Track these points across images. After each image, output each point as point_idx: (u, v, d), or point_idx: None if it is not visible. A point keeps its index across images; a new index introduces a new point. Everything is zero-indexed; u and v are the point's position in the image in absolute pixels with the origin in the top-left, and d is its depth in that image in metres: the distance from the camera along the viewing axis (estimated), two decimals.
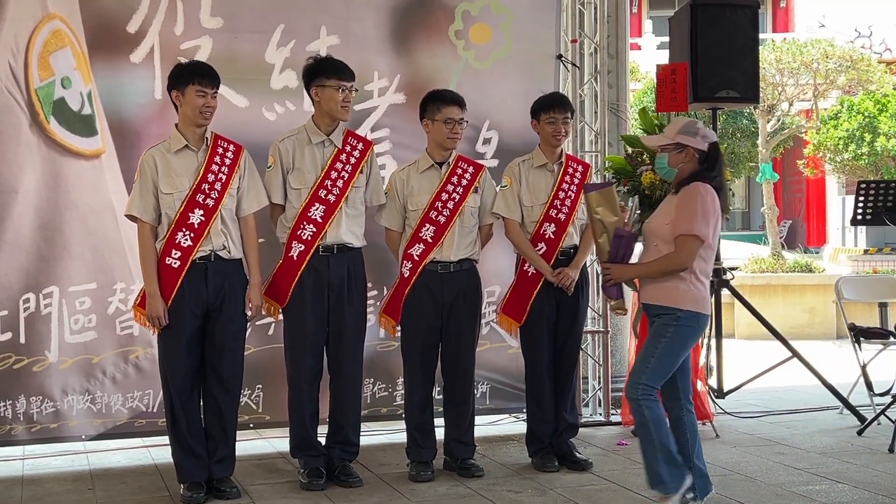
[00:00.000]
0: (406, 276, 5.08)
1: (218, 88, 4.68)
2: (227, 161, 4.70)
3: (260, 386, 5.62)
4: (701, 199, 4.13)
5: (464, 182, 5.11)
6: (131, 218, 4.65)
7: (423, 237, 5.04)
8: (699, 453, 4.29)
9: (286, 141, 4.91)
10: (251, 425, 5.66)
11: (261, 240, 4.89)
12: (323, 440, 5.01)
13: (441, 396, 5.30)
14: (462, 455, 5.15)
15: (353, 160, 4.93)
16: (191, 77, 4.60)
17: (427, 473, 5.04)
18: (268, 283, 4.89)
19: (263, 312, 4.93)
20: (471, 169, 5.16)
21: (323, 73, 4.86)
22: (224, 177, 4.67)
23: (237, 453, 4.85)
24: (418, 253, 5.05)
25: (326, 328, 4.90)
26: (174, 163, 4.62)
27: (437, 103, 5.08)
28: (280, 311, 4.93)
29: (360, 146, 5.00)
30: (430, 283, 5.04)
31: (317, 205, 4.83)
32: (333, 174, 4.87)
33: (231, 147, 4.75)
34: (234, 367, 4.74)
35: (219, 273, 4.64)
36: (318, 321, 4.87)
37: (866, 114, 15.91)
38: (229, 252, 4.68)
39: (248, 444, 5.59)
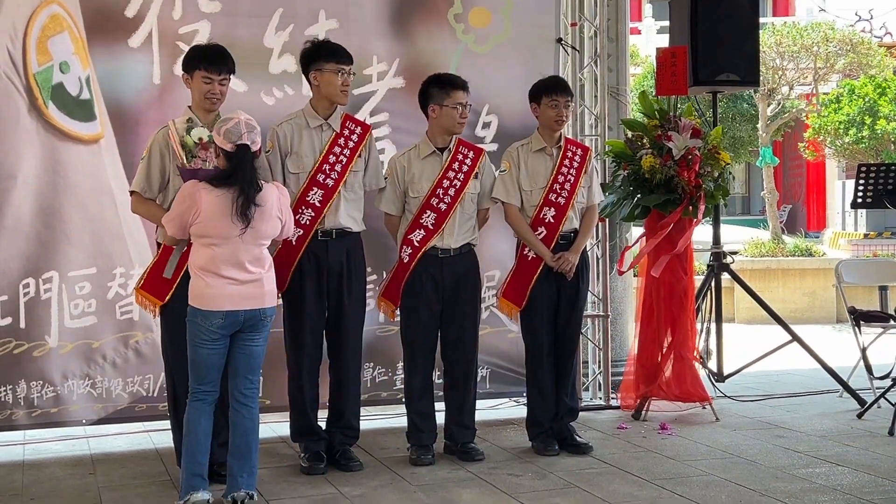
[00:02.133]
0: (406, 261, 5.07)
1: (229, 75, 4.65)
2: None
3: (260, 370, 5.60)
4: (179, 196, 4.21)
5: (464, 168, 5.09)
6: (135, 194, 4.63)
7: (424, 224, 5.03)
8: (239, 454, 4.21)
9: (284, 125, 4.90)
10: None
11: None
12: (323, 424, 5.01)
13: (441, 381, 5.31)
14: (462, 439, 5.15)
15: (351, 144, 4.92)
16: (199, 62, 4.58)
17: (428, 457, 5.05)
18: None
19: None
20: (471, 154, 5.14)
21: (321, 56, 4.84)
22: None
23: None
24: (418, 239, 5.04)
25: (326, 313, 4.90)
26: None
27: (445, 88, 5.03)
28: (279, 296, 4.93)
29: (358, 130, 4.99)
30: (430, 267, 5.03)
31: (315, 189, 4.82)
32: (332, 158, 4.85)
33: None
34: None
35: None
36: (317, 306, 4.86)
37: (867, 98, 15.86)
38: None
39: None
